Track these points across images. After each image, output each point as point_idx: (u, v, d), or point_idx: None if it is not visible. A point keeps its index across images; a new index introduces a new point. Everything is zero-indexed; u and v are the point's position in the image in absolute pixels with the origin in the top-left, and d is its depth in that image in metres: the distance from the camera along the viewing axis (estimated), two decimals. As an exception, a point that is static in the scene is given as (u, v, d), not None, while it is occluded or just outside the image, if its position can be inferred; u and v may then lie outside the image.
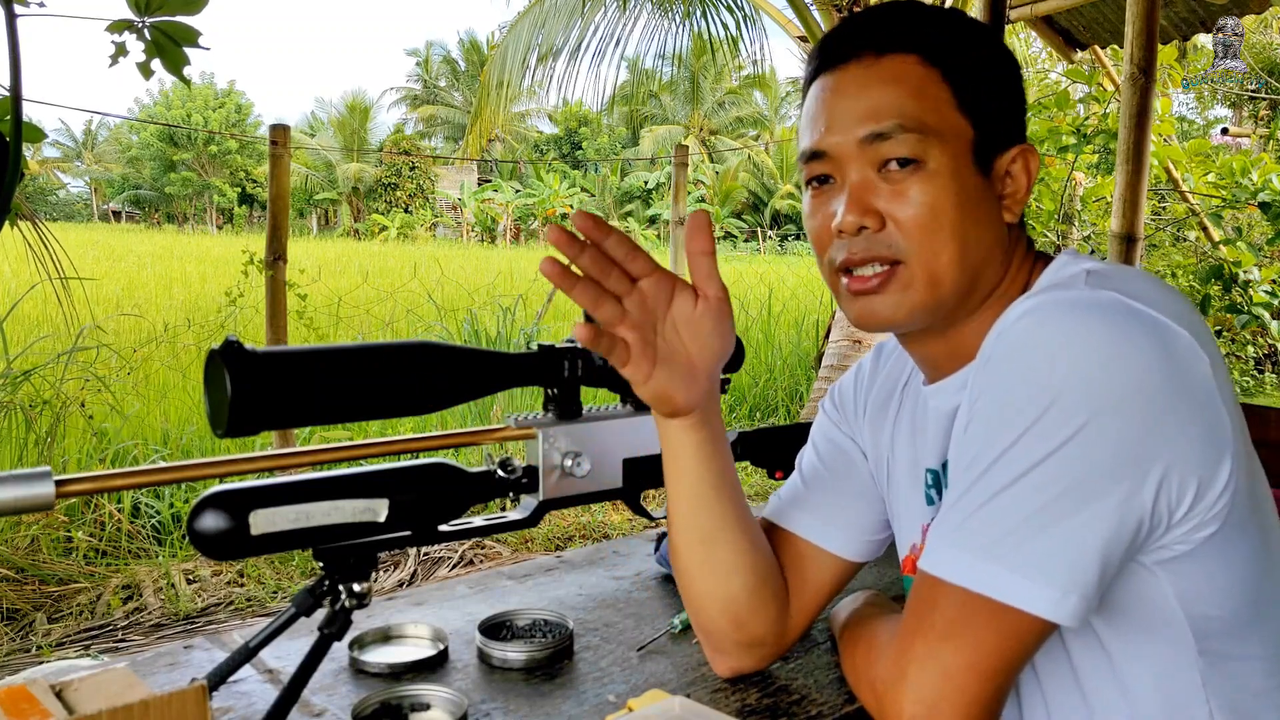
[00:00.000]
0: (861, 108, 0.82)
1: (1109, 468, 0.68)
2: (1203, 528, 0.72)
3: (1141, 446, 0.69)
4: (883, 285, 0.83)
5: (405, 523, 0.85)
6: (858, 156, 0.82)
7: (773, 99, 41.47)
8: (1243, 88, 7.42)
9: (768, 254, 30.51)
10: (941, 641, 0.70)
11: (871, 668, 0.79)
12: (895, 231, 0.81)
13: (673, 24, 6.39)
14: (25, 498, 0.68)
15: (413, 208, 39.76)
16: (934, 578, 0.72)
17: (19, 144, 1.28)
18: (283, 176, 3.73)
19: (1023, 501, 0.69)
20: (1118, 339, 0.70)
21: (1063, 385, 0.69)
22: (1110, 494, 0.68)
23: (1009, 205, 0.85)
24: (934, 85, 0.82)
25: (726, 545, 0.91)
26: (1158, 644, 0.77)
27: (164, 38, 1.53)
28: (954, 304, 0.84)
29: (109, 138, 51.27)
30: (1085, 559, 0.69)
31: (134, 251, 18.71)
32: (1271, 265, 5.64)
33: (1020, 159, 0.85)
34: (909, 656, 0.71)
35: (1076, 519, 0.68)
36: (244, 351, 0.73)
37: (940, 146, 0.81)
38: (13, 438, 3.86)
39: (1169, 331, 0.72)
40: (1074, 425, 0.68)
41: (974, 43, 0.85)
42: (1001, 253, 0.85)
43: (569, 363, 0.95)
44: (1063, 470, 0.68)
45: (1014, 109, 0.86)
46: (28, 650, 2.81)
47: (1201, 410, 0.71)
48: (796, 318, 7.86)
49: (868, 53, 0.83)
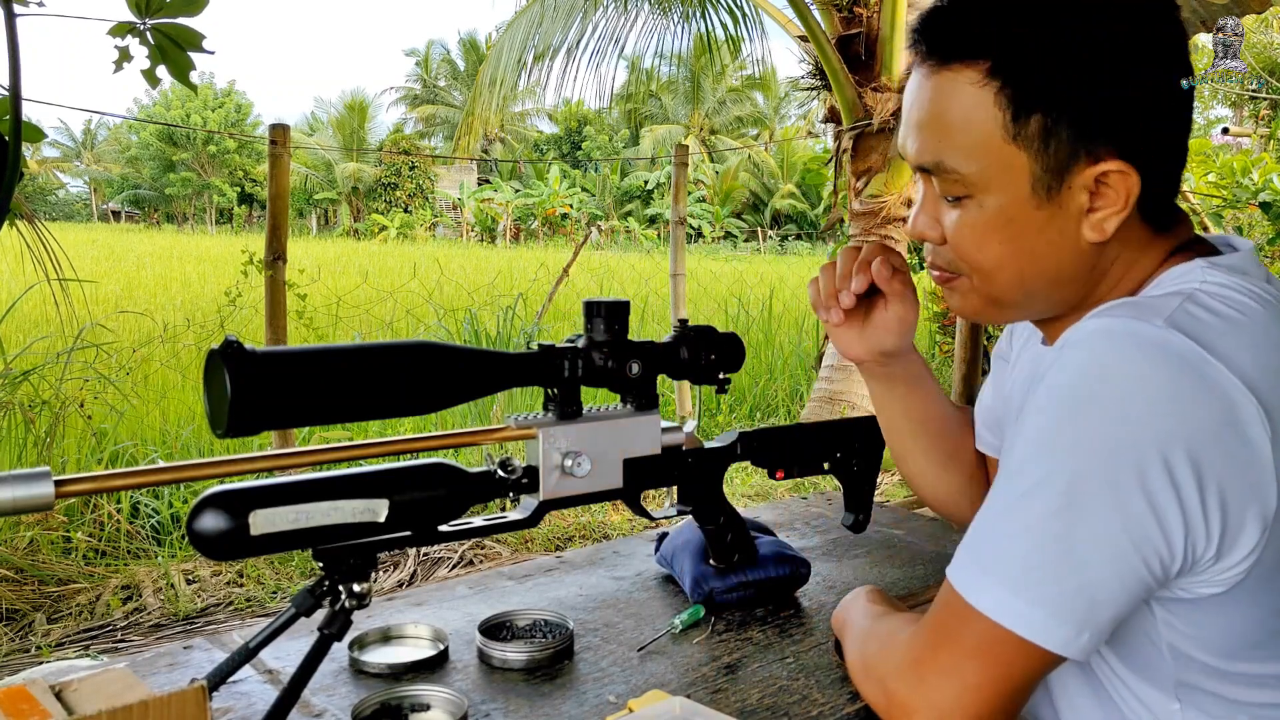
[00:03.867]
0: (916, 129, 0.80)
1: (1138, 517, 0.67)
2: (1210, 585, 0.72)
3: (1170, 501, 0.67)
4: (951, 284, 0.86)
5: (405, 523, 0.85)
6: (921, 173, 0.83)
7: (773, 99, 41.47)
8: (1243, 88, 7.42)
9: (768, 254, 30.52)
10: (966, 658, 0.72)
11: (884, 664, 0.78)
12: (952, 250, 0.82)
13: (672, 23, 6.38)
14: (25, 498, 0.68)
15: (412, 207, 39.75)
16: (964, 601, 0.73)
17: (18, 144, 1.28)
18: (282, 176, 3.73)
19: (1055, 539, 0.69)
20: (1173, 394, 0.67)
21: (1108, 428, 0.67)
22: (1138, 542, 0.68)
23: (1096, 222, 0.76)
24: (984, 110, 0.75)
25: (922, 460, 1.11)
26: (1138, 667, 0.78)
27: (167, 41, 1.52)
28: (1032, 313, 0.86)
29: (108, 137, 51.28)
30: (1106, 603, 0.69)
31: (133, 251, 18.71)
32: (1272, 265, 5.64)
33: (1112, 176, 0.74)
34: (932, 665, 0.73)
35: (1103, 564, 0.69)
36: (244, 351, 0.73)
37: (986, 184, 0.76)
38: (12, 438, 3.86)
39: (1232, 402, 0.67)
40: (1109, 472, 0.67)
41: (1062, 35, 0.73)
42: (1083, 270, 0.79)
43: (569, 363, 0.95)
44: (1096, 514, 0.68)
45: (1111, 116, 0.73)
46: (27, 650, 2.81)
47: (1242, 481, 0.68)
48: (797, 318, 7.87)
49: (933, 58, 0.78)
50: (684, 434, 1.07)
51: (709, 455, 1.09)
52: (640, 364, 0.98)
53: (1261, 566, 0.71)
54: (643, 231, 35.98)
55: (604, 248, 28.62)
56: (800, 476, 1.18)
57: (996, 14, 0.75)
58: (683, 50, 6.71)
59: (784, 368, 6.57)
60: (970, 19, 0.76)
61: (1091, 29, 0.73)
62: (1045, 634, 0.69)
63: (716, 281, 11.32)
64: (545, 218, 36.98)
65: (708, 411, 5.79)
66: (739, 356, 1.06)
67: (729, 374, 1.06)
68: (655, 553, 1.37)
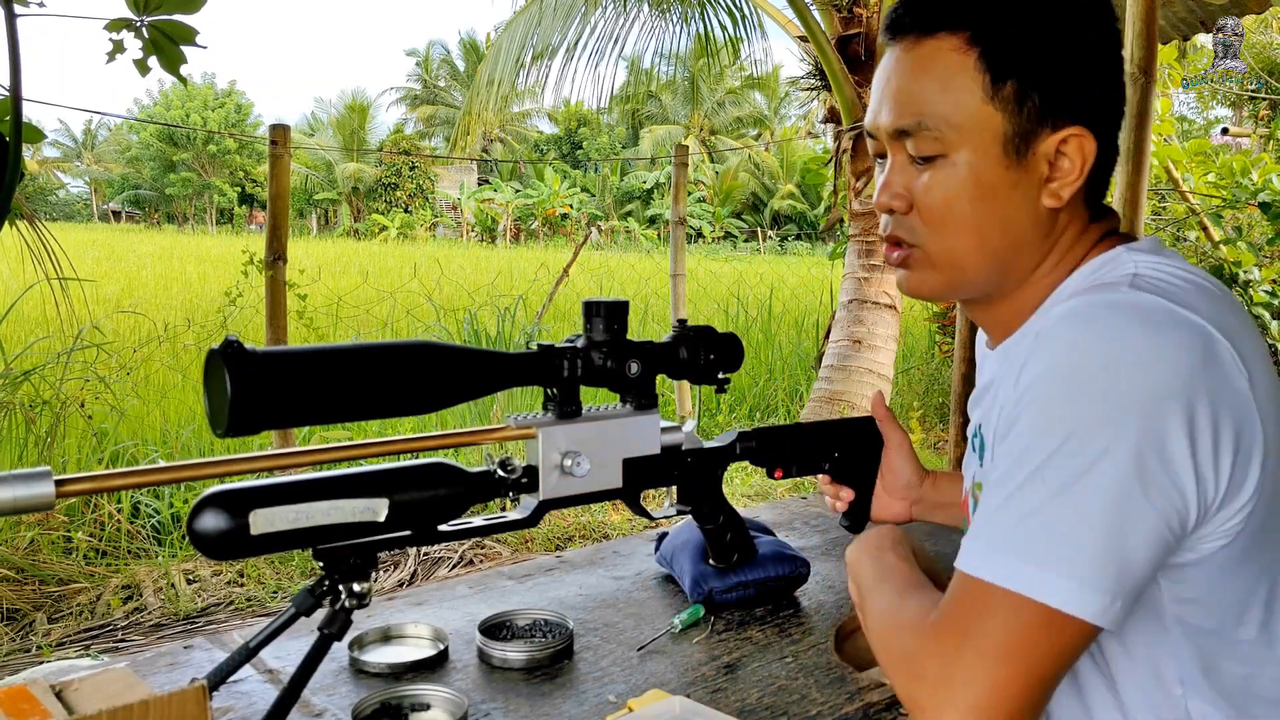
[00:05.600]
0: (894, 99, 0.85)
1: (1153, 473, 0.68)
2: (1214, 539, 0.72)
3: (1182, 451, 0.68)
4: (907, 260, 0.88)
5: (405, 523, 0.85)
6: (893, 143, 0.86)
7: (773, 99, 41.47)
8: (1243, 88, 7.42)
9: (768, 254, 30.51)
10: (994, 652, 0.69)
11: (909, 665, 0.74)
12: (917, 217, 0.86)
13: (671, 24, 6.38)
14: (25, 498, 0.68)
15: (412, 208, 39.75)
16: (983, 582, 0.71)
17: (19, 144, 1.28)
18: (282, 176, 3.73)
19: (1075, 509, 0.69)
20: (1159, 343, 0.70)
21: (1106, 390, 0.69)
22: (1155, 499, 0.69)
23: (1054, 189, 0.83)
24: (965, 74, 0.81)
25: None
26: (1148, 643, 0.78)
27: (161, 36, 1.53)
28: (983, 283, 0.87)
29: (109, 138, 51.26)
30: (1132, 566, 0.69)
31: (134, 251, 18.71)
32: (1271, 265, 5.64)
33: (1071, 142, 0.82)
34: (958, 664, 0.70)
35: (1126, 527, 0.68)
36: (244, 351, 0.73)
37: (962, 141, 0.82)
38: (13, 438, 3.86)
39: (1211, 339, 0.71)
40: (1117, 433, 0.68)
41: (1030, 15, 0.81)
42: (1039, 236, 0.85)
43: (569, 363, 0.95)
44: (1110, 477, 0.68)
45: (1073, 86, 0.82)
46: (28, 650, 2.81)
47: (1235, 422, 0.71)
48: (796, 318, 7.87)
49: (913, 32, 0.84)
50: (683, 434, 1.07)
51: (708, 455, 1.09)
52: (639, 364, 0.98)
53: (1256, 518, 0.73)
54: (642, 232, 35.97)
55: (604, 248, 28.62)
56: (799, 476, 1.18)
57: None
58: (682, 51, 6.71)
59: (784, 368, 6.57)
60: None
61: (1058, 9, 0.82)
62: (1081, 603, 0.68)
63: (716, 282, 11.31)
64: (545, 218, 36.98)
65: (707, 411, 5.79)
66: (738, 356, 1.06)
67: (728, 374, 1.06)
68: (655, 552, 1.37)
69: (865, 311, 4.80)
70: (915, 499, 1.16)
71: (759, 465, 1.19)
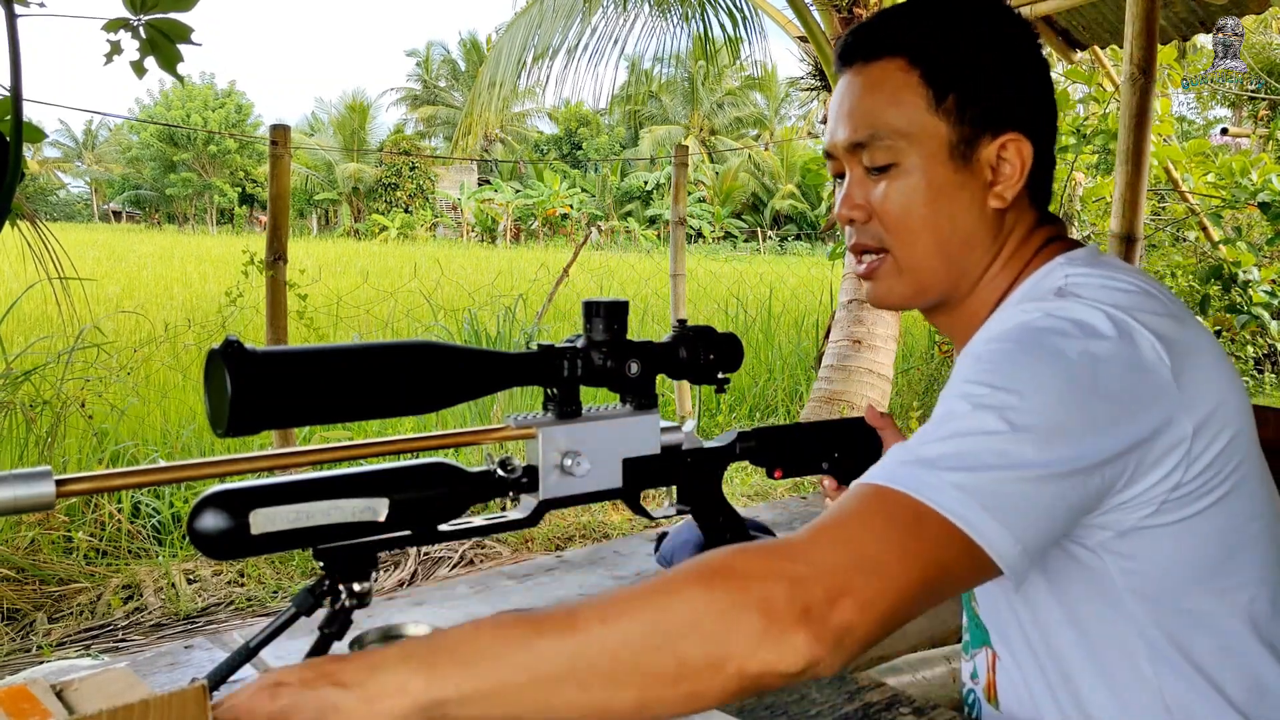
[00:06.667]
0: (848, 117, 0.93)
1: (1078, 433, 0.72)
2: (1134, 508, 0.77)
3: (1109, 417, 0.73)
4: (874, 271, 0.95)
5: (405, 522, 0.85)
6: (849, 158, 0.94)
7: (773, 99, 41.48)
8: (1242, 88, 7.42)
9: (768, 254, 30.51)
10: (887, 529, 0.66)
11: (759, 556, 0.66)
12: (878, 224, 0.93)
13: (671, 24, 6.38)
14: (26, 497, 0.68)
15: (413, 208, 39.76)
16: (888, 488, 0.69)
17: (19, 144, 1.28)
18: (283, 177, 3.73)
19: (995, 447, 0.70)
20: (1104, 322, 0.77)
21: (1055, 356, 0.75)
22: (1071, 458, 0.71)
23: (998, 192, 0.90)
24: (911, 90, 0.89)
25: None
26: (1105, 620, 0.82)
27: (158, 34, 1.54)
28: (943, 285, 0.93)
29: (109, 138, 51.28)
30: (1045, 516, 0.71)
31: (134, 252, 18.72)
32: (1271, 265, 5.64)
33: (1010, 147, 0.90)
34: (823, 540, 0.65)
35: (1039, 475, 0.70)
36: (244, 351, 0.73)
37: (912, 149, 0.89)
38: (13, 438, 3.86)
39: (1130, 329, 0.77)
40: (1046, 382, 0.74)
41: (962, 39, 0.90)
42: (989, 237, 0.92)
43: (569, 363, 0.95)
44: (1037, 420, 0.72)
45: (1007, 98, 0.90)
46: (28, 650, 2.81)
47: (1153, 401, 0.76)
48: (796, 318, 7.87)
49: (859, 59, 0.93)
50: (683, 434, 1.07)
51: (708, 455, 1.09)
52: (639, 364, 0.98)
53: (1196, 493, 0.78)
54: (642, 232, 35.98)
55: (604, 248, 28.62)
56: (798, 476, 1.18)
57: (910, 19, 0.92)
58: (682, 51, 6.71)
59: (783, 368, 6.57)
60: (891, 24, 0.93)
61: (985, 31, 0.91)
62: (992, 537, 0.67)
63: (716, 282, 11.32)
64: (545, 218, 36.99)
65: (707, 411, 5.79)
66: (738, 356, 1.06)
67: (728, 374, 1.06)
68: (655, 552, 1.37)
69: (865, 311, 4.80)
70: None
71: (759, 465, 1.19)
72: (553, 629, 0.62)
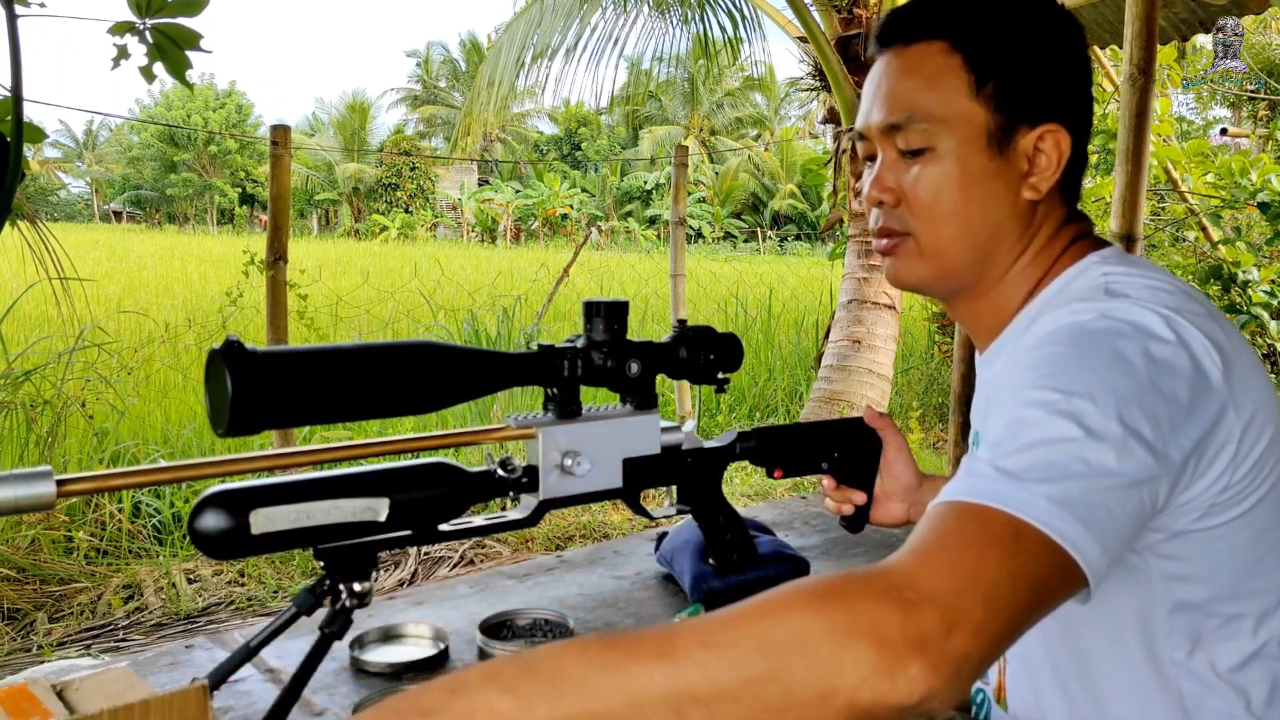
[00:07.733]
0: (884, 98, 0.91)
1: (1150, 439, 0.70)
2: (1186, 512, 0.76)
3: (1171, 422, 0.72)
4: (895, 249, 0.93)
5: (405, 522, 0.85)
6: (883, 140, 0.92)
7: (772, 99, 41.45)
8: (1242, 88, 7.42)
9: (768, 254, 30.49)
10: (986, 550, 0.62)
11: (864, 581, 0.60)
12: (906, 208, 0.91)
13: (671, 25, 6.38)
14: (26, 497, 0.69)
15: (413, 208, 39.76)
16: (982, 505, 0.64)
17: (20, 144, 1.28)
18: (283, 177, 3.73)
19: (1078, 454, 0.67)
20: (1158, 324, 0.75)
21: (1113, 356, 0.73)
22: (1147, 465, 0.69)
23: (1033, 183, 0.89)
24: (951, 74, 0.88)
25: None
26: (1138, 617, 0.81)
27: (165, 40, 1.53)
28: (966, 273, 0.92)
29: (110, 138, 51.26)
30: (1127, 524, 0.68)
31: (135, 252, 18.72)
32: (1271, 265, 5.64)
33: (1048, 138, 0.88)
34: (930, 565, 0.61)
35: (1121, 484, 0.67)
36: (245, 351, 0.73)
37: (949, 134, 0.88)
38: (13, 438, 3.86)
39: (1184, 331, 0.76)
40: (1116, 386, 0.71)
41: (1006, 24, 0.88)
42: (1019, 228, 0.90)
43: (569, 363, 0.95)
44: (1113, 427, 0.69)
45: (1048, 88, 0.88)
46: (29, 650, 2.81)
47: (1210, 403, 0.75)
48: (796, 318, 7.87)
49: (899, 41, 0.91)
50: (683, 434, 1.07)
51: (708, 455, 1.09)
52: (639, 364, 0.98)
53: (1240, 499, 0.77)
54: (642, 232, 35.99)
55: (604, 248, 28.61)
56: (798, 475, 1.18)
57: (953, 3, 0.90)
58: (682, 51, 6.71)
59: (783, 368, 6.57)
60: (933, 7, 0.91)
61: (1032, 20, 0.89)
62: (1083, 546, 0.64)
63: (716, 282, 11.31)
64: (545, 218, 36.99)
65: (707, 411, 5.79)
66: (737, 356, 1.06)
67: (728, 374, 1.06)
68: (655, 552, 1.37)
69: (865, 311, 4.80)
70: (913, 501, 1.16)
71: (759, 465, 1.19)
72: (648, 653, 0.58)
